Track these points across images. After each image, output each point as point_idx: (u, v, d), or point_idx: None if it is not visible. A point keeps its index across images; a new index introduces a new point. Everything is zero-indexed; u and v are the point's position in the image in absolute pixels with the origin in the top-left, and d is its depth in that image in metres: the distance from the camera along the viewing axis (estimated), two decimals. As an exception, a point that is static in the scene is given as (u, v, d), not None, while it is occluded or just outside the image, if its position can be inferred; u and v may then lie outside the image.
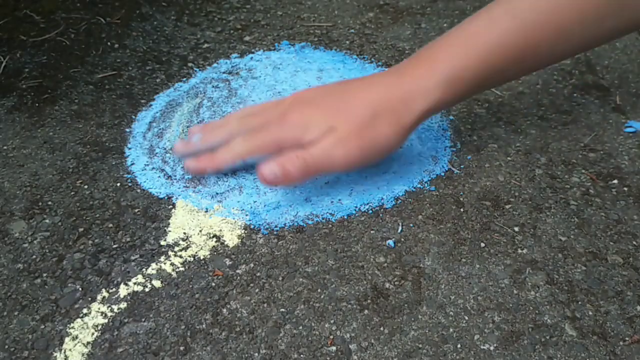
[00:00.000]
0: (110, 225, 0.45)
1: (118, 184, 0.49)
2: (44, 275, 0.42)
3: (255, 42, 0.66)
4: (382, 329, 0.39)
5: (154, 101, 0.58)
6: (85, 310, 0.39)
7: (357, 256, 0.43)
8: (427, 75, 0.44)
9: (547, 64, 0.52)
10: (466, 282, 0.41)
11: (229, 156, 0.47)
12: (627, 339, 0.38)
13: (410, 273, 0.42)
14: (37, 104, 0.57)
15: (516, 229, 0.45)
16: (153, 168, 0.50)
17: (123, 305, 0.40)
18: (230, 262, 0.43)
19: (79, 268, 0.42)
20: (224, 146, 0.47)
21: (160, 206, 0.47)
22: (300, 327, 0.39)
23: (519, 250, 0.44)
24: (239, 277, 0.42)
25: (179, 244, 0.44)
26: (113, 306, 0.40)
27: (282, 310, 0.40)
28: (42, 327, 0.38)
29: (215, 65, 0.63)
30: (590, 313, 0.39)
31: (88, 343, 0.38)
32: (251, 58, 0.64)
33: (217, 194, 0.48)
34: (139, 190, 0.48)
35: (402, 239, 0.44)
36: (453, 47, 0.45)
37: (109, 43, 0.66)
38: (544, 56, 0.46)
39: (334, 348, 0.37)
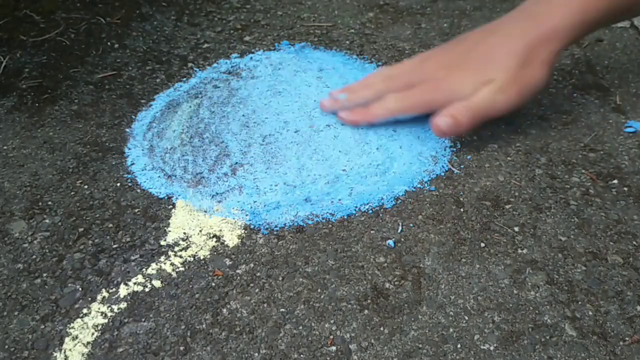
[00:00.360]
0: (110, 225, 0.45)
1: (118, 184, 0.49)
2: (44, 275, 0.42)
3: (255, 42, 0.66)
4: (382, 329, 0.39)
5: (154, 101, 0.58)
6: (85, 310, 0.39)
7: (357, 256, 0.43)
8: (562, 17, 0.47)
9: None
10: (466, 282, 0.41)
11: (382, 111, 0.51)
12: (627, 339, 0.38)
13: (410, 273, 0.42)
14: (37, 104, 0.57)
15: (516, 229, 0.45)
16: (153, 168, 0.50)
17: (123, 305, 0.40)
18: (230, 262, 0.43)
19: (79, 268, 0.42)
20: (376, 102, 0.51)
21: (160, 206, 0.47)
22: (300, 327, 0.39)
23: (519, 250, 0.44)
24: (239, 277, 0.42)
25: (179, 244, 0.44)
26: (113, 306, 0.40)
27: (282, 310, 0.40)
28: (42, 327, 0.38)
29: (215, 65, 0.63)
30: (590, 313, 0.39)
31: (88, 343, 0.38)
32: (251, 58, 0.64)
33: (217, 194, 0.48)
34: (139, 190, 0.48)
35: (402, 239, 0.44)
36: None
37: (109, 43, 0.66)
38: None
39: (334, 348, 0.37)
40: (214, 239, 0.44)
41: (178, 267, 0.42)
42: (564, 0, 0.48)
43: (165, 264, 0.43)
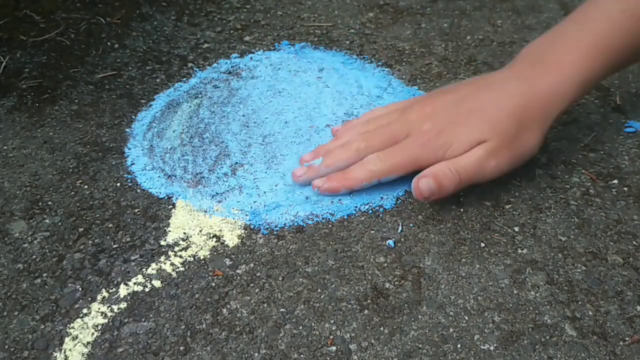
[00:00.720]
0: (110, 225, 0.45)
1: (118, 184, 0.49)
2: (44, 275, 0.42)
3: (255, 42, 0.66)
4: (382, 329, 0.39)
5: (154, 101, 0.58)
6: (85, 310, 0.39)
7: (357, 256, 0.43)
8: (560, 81, 0.45)
9: None
10: (466, 282, 0.41)
11: (364, 174, 0.45)
12: (627, 339, 0.38)
13: (410, 273, 0.42)
14: (37, 104, 0.57)
15: (516, 229, 0.45)
16: (153, 168, 0.50)
17: (123, 305, 0.40)
18: (230, 262, 0.43)
19: (79, 268, 0.42)
20: (357, 164, 0.46)
21: (160, 206, 0.47)
22: (300, 327, 0.39)
23: (519, 250, 0.44)
24: (239, 277, 0.42)
25: (179, 244, 0.44)
26: (113, 306, 0.40)
27: (282, 310, 0.40)
28: (42, 327, 0.38)
29: (215, 65, 0.63)
30: (590, 313, 0.39)
31: (88, 343, 0.38)
32: (251, 58, 0.64)
33: (217, 194, 0.48)
34: (139, 190, 0.48)
35: (402, 239, 0.44)
36: (579, 49, 0.45)
37: (109, 43, 0.66)
38: None
39: (334, 348, 0.37)
40: (214, 239, 0.44)
41: (178, 267, 0.42)
42: (554, 61, 0.45)
43: (165, 264, 0.43)
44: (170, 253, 0.43)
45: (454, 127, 0.44)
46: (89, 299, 0.40)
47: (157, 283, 0.41)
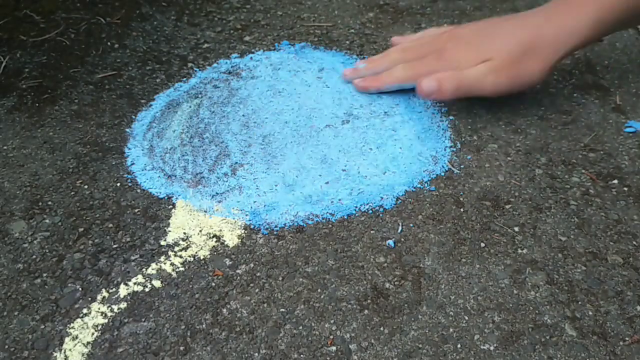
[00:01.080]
0: (110, 225, 0.45)
1: (118, 184, 0.49)
2: (44, 275, 0.42)
3: (255, 42, 0.66)
4: (382, 329, 0.39)
5: (154, 101, 0.58)
6: (85, 310, 0.39)
7: (357, 256, 0.43)
8: (577, 18, 0.48)
9: None
10: (466, 282, 0.41)
11: (390, 79, 0.55)
12: (627, 339, 0.38)
13: (410, 273, 0.42)
14: (37, 104, 0.57)
15: (516, 229, 0.45)
16: (153, 168, 0.50)
17: (123, 305, 0.40)
18: (230, 262, 0.43)
19: (79, 268, 0.42)
20: (387, 71, 0.55)
21: (160, 206, 0.47)
22: (300, 327, 0.39)
23: (519, 250, 0.44)
24: (239, 277, 0.42)
25: (179, 244, 0.44)
26: (113, 306, 0.40)
27: (282, 310, 0.40)
28: (42, 327, 0.38)
29: (215, 65, 0.63)
30: (590, 313, 0.39)
31: (88, 343, 0.38)
32: (251, 58, 0.64)
33: (217, 194, 0.48)
34: (139, 190, 0.48)
35: (402, 239, 0.44)
36: None
37: (109, 43, 0.66)
38: None
39: (334, 348, 0.37)
40: (214, 239, 0.44)
41: (178, 267, 0.42)
42: (581, 2, 0.49)
43: (165, 264, 0.43)
44: (170, 253, 0.43)
45: (468, 47, 0.51)
46: (89, 299, 0.40)
47: (157, 283, 0.41)
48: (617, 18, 0.49)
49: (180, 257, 0.43)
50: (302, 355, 0.37)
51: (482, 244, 0.44)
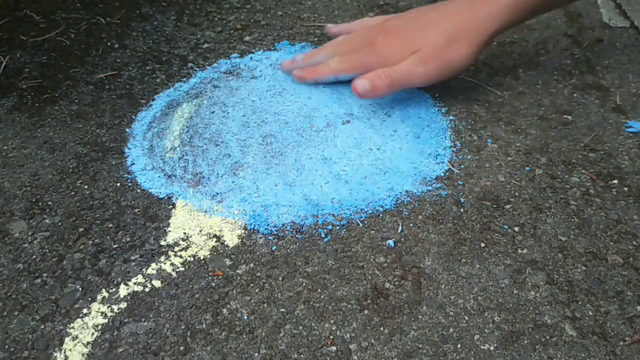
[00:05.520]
0: (110, 225, 0.45)
1: (118, 184, 0.49)
2: (44, 275, 0.42)
3: (255, 42, 0.66)
4: (382, 329, 0.39)
5: (154, 101, 0.58)
6: (85, 310, 0.39)
7: (357, 256, 0.43)
8: (496, 2, 0.51)
9: None
10: (466, 282, 0.41)
11: (327, 70, 0.57)
12: (627, 339, 0.38)
13: (410, 273, 0.42)
14: (37, 104, 0.57)
15: (516, 229, 0.45)
16: (153, 168, 0.50)
17: (123, 305, 0.40)
18: (230, 262, 0.43)
19: (79, 268, 0.42)
20: (323, 63, 0.57)
21: (160, 206, 0.47)
22: (300, 327, 0.39)
23: (519, 250, 0.44)
24: (239, 277, 0.42)
25: (179, 244, 0.44)
26: (113, 306, 0.40)
27: (282, 310, 0.40)
28: (42, 327, 0.38)
29: (215, 65, 0.63)
30: (590, 313, 0.39)
31: (88, 343, 0.38)
32: (251, 58, 0.64)
33: (217, 194, 0.48)
34: (139, 190, 0.48)
35: (402, 239, 0.44)
36: None
37: (109, 43, 0.66)
38: None
39: (334, 348, 0.37)
40: (214, 239, 0.44)
41: (178, 267, 0.42)
42: None
43: (165, 264, 0.43)
44: (170, 253, 0.43)
45: (396, 39, 0.53)
46: (89, 299, 0.40)
47: (157, 283, 0.41)
48: (534, 2, 0.52)
49: (180, 257, 0.43)
50: (302, 355, 0.37)
51: (482, 244, 0.44)
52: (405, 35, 0.53)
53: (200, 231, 0.45)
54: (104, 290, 0.41)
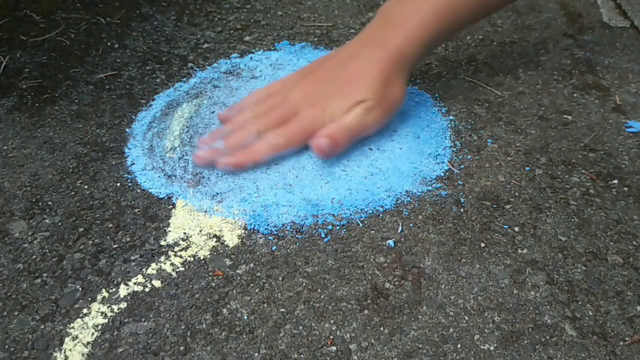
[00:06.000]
0: (110, 225, 0.45)
1: (118, 184, 0.49)
2: (44, 275, 0.42)
3: (255, 42, 0.66)
4: (382, 329, 0.39)
5: (154, 101, 0.58)
6: (85, 310, 0.39)
7: (357, 256, 0.43)
8: (408, 42, 0.52)
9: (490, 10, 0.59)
10: (466, 282, 0.41)
11: (267, 148, 0.50)
12: (627, 339, 0.38)
13: (410, 273, 0.42)
14: (37, 104, 0.57)
15: (516, 229, 0.45)
16: (153, 168, 0.50)
17: (123, 305, 0.40)
18: (230, 262, 0.43)
19: (79, 268, 0.42)
20: (259, 141, 0.50)
21: (160, 206, 0.47)
22: (300, 327, 0.39)
23: (519, 250, 0.44)
24: (239, 277, 0.42)
25: (179, 244, 0.44)
26: (113, 306, 0.40)
27: (282, 310, 0.40)
28: (42, 327, 0.38)
29: (215, 65, 0.63)
30: (590, 313, 0.39)
31: (88, 343, 0.38)
32: (251, 58, 0.64)
33: (217, 194, 0.48)
34: (139, 190, 0.48)
35: (402, 239, 0.44)
36: (423, 12, 0.52)
37: (109, 43, 0.66)
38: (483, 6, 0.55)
39: (334, 348, 0.37)
40: (214, 239, 0.44)
41: (178, 267, 0.42)
42: (401, 23, 0.52)
43: (165, 264, 0.43)
44: (170, 253, 0.43)
45: (333, 99, 0.51)
46: (89, 299, 0.40)
47: (157, 283, 0.41)
48: (437, 35, 0.53)
49: (180, 257, 0.43)
50: (302, 355, 0.37)
51: (482, 244, 0.44)
52: (340, 91, 0.51)
53: (200, 231, 0.45)
54: (104, 290, 0.41)
